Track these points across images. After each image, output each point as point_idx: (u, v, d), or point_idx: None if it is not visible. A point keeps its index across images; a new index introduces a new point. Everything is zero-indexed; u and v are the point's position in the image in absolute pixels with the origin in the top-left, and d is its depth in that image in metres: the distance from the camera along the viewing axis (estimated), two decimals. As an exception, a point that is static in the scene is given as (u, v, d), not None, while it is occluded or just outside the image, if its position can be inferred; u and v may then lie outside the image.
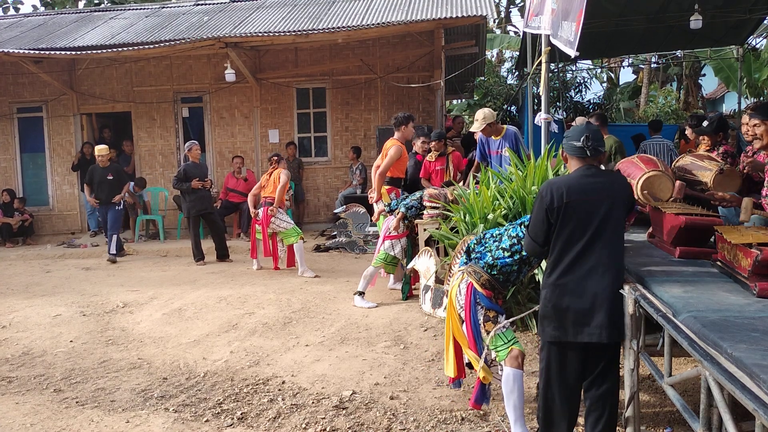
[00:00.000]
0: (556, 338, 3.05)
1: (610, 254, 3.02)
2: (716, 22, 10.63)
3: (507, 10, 23.89)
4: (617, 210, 3.05)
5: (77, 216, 12.14)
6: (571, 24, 3.51)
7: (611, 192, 3.06)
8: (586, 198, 3.01)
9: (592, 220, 3.00)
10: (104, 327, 5.95)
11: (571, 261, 3.01)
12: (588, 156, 3.11)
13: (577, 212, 3.01)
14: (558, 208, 3.01)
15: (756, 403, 1.86)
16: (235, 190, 10.66)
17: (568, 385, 3.10)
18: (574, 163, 3.17)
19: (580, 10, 3.23)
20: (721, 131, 5.53)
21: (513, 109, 14.09)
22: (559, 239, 3.04)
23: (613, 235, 3.04)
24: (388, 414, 3.91)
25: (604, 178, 3.14)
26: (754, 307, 2.71)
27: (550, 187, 3.08)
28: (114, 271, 8.70)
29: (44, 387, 4.55)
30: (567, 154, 3.22)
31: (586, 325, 2.97)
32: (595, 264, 2.99)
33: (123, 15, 13.37)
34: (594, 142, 3.11)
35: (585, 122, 5.75)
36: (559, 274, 3.04)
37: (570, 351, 3.06)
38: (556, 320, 3.03)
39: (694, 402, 2.63)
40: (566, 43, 3.60)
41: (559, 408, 3.13)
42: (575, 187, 3.03)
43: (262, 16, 11.85)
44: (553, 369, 3.11)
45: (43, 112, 12.06)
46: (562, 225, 3.02)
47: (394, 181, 7.07)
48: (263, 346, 5.20)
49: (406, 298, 6.41)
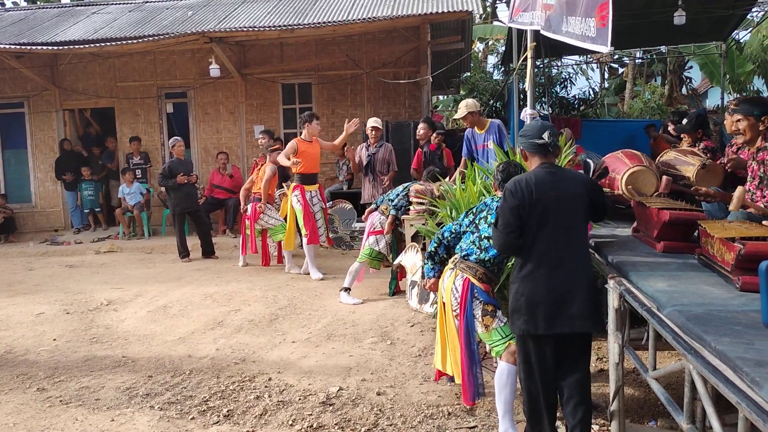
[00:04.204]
0: (526, 332, 3.10)
1: (577, 247, 3.11)
2: (699, 18, 10.69)
3: (493, 5, 23.89)
4: (580, 204, 3.13)
5: (60, 213, 12.01)
6: (585, 19, 3.48)
7: (574, 187, 3.14)
8: (553, 194, 3.09)
9: (558, 214, 3.08)
10: (88, 325, 5.90)
11: (540, 255, 3.08)
12: (550, 152, 3.21)
13: (545, 207, 3.08)
14: (529, 204, 3.08)
15: (739, 395, 1.87)
16: (221, 186, 10.60)
17: (546, 376, 3.16)
18: (536, 160, 3.23)
19: (600, 5, 3.20)
20: (700, 128, 5.58)
21: (499, 104, 14.13)
22: (528, 234, 3.11)
23: (578, 228, 3.14)
24: (375, 410, 3.91)
25: (566, 174, 3.25)
26: (737, 300, 2.73)
27: (518, 183, 3.14)
28: (98, 269, 8.62)
29: (27, 386, 4.50)
30: (528, 152, 3.27)
31: (557, 317, 3.03)
32: (564, 257, 3.07)
33: (106, 9, 13.20)
34: (554, 138, 3.21)
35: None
36: (530, 269, 3.10)
37: (543, 343, 3.11)
38: (526, 314, 3.08)
39: (678, 395, 2.64)
40: (582, 38, 3.58)
41: (541, 399, 3.18)
42: (542, 183, 3.10)
43: (246, 11, 11.76)
44: (529, 361, 3.17)
45: (25, 108, 11.90)
46: (532, 220, 3.09)
47: (305, 177, 7.27)
48: (249, 343, 5.18)
49: (393, 294, 6.41)
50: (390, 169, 7.94)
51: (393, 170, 7.92)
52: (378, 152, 7.89)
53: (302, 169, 7.19)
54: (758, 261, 2.39)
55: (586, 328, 3.05)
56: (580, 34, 3.55)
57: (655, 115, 15.63)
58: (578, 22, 3.63)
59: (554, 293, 3.04)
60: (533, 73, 5.90)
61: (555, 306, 3.03)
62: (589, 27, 3.35)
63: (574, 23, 3.75)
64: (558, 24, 4.23)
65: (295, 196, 7.26)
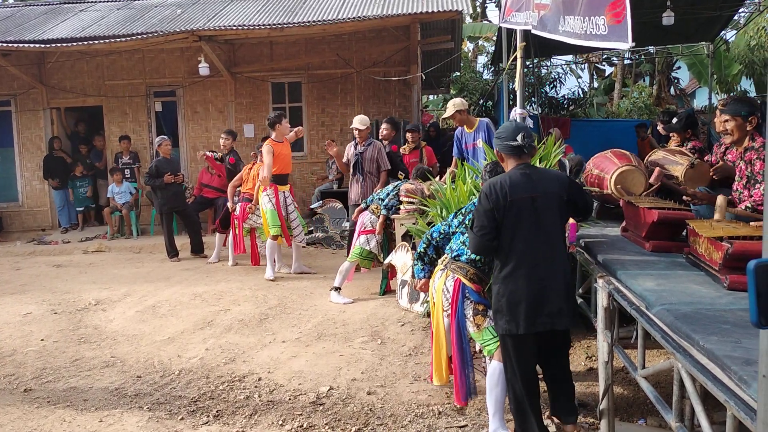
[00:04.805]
0: (508, 331, 3.19)
1: (555, 246, 3.18)
2: (687, 19, 10.77)
3: (483, 5, 23.92)
4: (557, 203, 3.19)
5: (48, 212, 11.90)
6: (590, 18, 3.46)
7: (551, 187, 3.19)
8: (528, 195, 3.15)
9: (535, 215, 3.14)
10: (76, 325, 5.85)
11: (518, 256, 3.15)
12: (525, 153, 3.26)
13: (520, 209, 3.14)
14: (503, 206, 3.14)
15: (727, 393, 1.89)
16: (210, 185, 10.53)
17: (528, 373, 3.27)
18: (512, 161, 3.29)
19: (612, 2, 3.20)
20: (689, 128, 5.64)
21: (489, 104, 14.16)
22: (505, 236, 3.17)
23: (556, 228, 3.20)
24: (365, 409, 3.91)
25: (542, 174, 3.30)
26: (724, 299, 2.75)
27: (493, 187, 3.20)
28: (86, 269, 8.55)
29: (14, 387, 4.46)
30: (503, 154, 3.33)
31: (537, 316, 3.12)
32: (541, 257, 3.14)
33: (94, 7, 13.10)
34: (529, 140, 3.27)
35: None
36: (509, 270, 3.17)
37: (525, 341, 3.21)
38: (508, 314, 3.17)
39: (667, 393, 2.66)
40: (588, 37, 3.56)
41: (525, 395, 3.26)
42: (517, 185, 3.16)
43: (236, 9, 11.71)
44: (513, 359, 3.26)
45: (12, 106, 11.78)
46: (508, 222, 3.15)
47: (278, 177, 7.24)
48: (239, 343, 5.16)
49: (383, 293, 6.41)
50: (380, 168, 7.69)
51: (384, 169, 7.62)
52: (366, 151, 7.57)
53: (276, 170, 7.17)
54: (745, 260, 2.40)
55: (564, 325, 3.17)
56: (583, 33, 3.53)
57: (644, 114, 15.72)
58: (579, 22, 3.62)
59: (533, 293, 3.12)
60: (523, 73, 5.92)
61: (534, 305, 3.12)
62: (598, 25, 3.33)
63: (573, 22, 3.75)
64: (554, 24, 4.21)
65: (267, 195, 7.20)
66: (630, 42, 3.02)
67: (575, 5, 3.72)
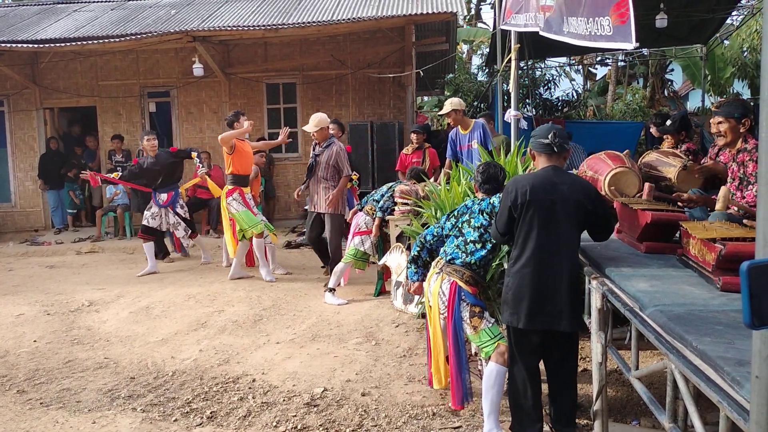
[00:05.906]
0: (511, 323, 3.29)
1: (566, 250, 3.23)
2: (680, 22, 10.83)
3: (477, 6, 23.96)
4: (575, 210, 3.22)
5: (41, 213, 11.85)
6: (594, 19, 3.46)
7: (571, 193, 3.22)
8: (547, 197, 3.20)
9: (551, 217, 3.20)
10: (69, 326, 5.82)
11: (530, 254, 3.22)
12: (555, 152, 3.29)
13: (537, 209, 3.20)
14: (521, 204, 3.22)
15: (720, 394, 1.89)
16: (204, 186, 10.49)
17: (530, 367, 3.35)
18: (542, 161, 3.35)
19: (617, 3, 3.20)
20: (683, 130, 5.66)
21: (483, 105, 14.17)
22: (521, 233, 3.25)
23: (570, 233, 3.25)
24: (359, 410, 3.91)
25: (566, 178, 3.33)
26: (718, 300, 2.76)
27: (515, 185, 3.29)
28: (79, 269, 8.52)
29: (7, 388, 4.43)
30: (534, 152, 3.40)
31: (539, 314, 3.19)
32: (551, 258, 3.20)
33: (87, 7, 13.06)
34: (560, 140, 3.30)
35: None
36: (520, 265, 3.25)
37: (527, 335, 3.31)
38: (512, 307, 3.26)
39: (660, 394, 2.67)
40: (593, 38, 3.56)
41: (525, 389, 3.32)
42: (538, 186, 3.22)
43: (230, 10, 11.70)
44: (515, 350, 3.37)
45: (5, 107, 11.74)
46: (524, 220, 3.23)
47: (238, 178, 7.15)
48: (233, 344, 5.15)
49: (378, 295, 6.41)
50: (340, 173, 6.71)
51: (345, 174, 6.73)
52: (323, 153, 6.73)
53: (237, 170, 7.12)
54: (738, 261, 2.41)
55: (563, 326, 3.20)
56: (588, 33, 3.53)
57: (637, 117, 15.76)
58: (583, 23, 3.62)
59: (537, 291, 3.19)
60: (517, 75, 5.93)
61: (537, 303, 3.19)
62: (602, 26, 3.34)
63: (576, 24, 3.75)
64: (558, 25, 4.21)
65: (234, 199, 7.10)
66: (634, 42, 3.03)
67: (578, 6, 3.73)
